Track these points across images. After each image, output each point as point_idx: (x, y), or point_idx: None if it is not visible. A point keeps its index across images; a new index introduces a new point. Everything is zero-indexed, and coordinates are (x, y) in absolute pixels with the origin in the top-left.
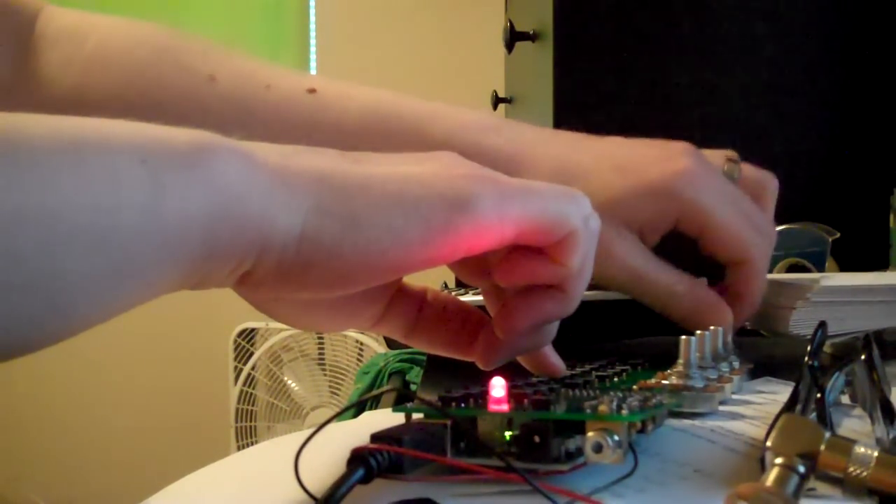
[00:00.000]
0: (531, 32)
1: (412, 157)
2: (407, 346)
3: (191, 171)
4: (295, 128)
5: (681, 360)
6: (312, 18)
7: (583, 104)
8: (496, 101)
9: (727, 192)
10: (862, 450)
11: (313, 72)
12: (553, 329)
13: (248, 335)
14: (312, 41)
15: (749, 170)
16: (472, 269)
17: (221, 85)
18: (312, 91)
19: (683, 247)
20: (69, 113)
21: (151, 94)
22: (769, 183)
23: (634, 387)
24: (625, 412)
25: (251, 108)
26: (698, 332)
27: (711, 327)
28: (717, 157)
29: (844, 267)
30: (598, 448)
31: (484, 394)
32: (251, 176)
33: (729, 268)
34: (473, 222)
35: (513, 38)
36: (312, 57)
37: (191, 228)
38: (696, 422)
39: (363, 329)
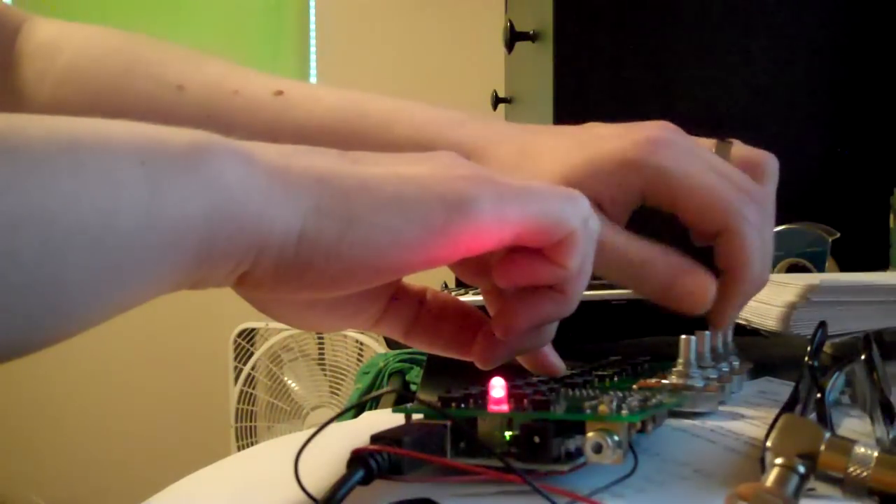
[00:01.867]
0: (531, 32)
1: (411, 158)
2: (407, 346)
3: (189, 172)
4: (261, 131)
5: (681, 360)
6: (312, 19)
7: (583, 104)
8: (496, 101)
9: (707, 161)
10: (862, 450)
11: (313, 72)
12: (552, 329)
13: (248, 335)
14: (312, 41)
15: (743, 150)
16: (472, 269)
17: (190, 93)
18: (279, 94)
19: (667, 233)
20: None
21: (121, 106)
22: (766, 161)
23: (634, 386)
24: (625, 412)
25: (219, 114)
26: (698, 331)
27: (708, 330)
28: (707, 141)
29: (844, 267)
30: (598, 448)
31: (484, 394)
32: (250, 176)
33: (714, 242)
34: (472, 224)
35: (513, 38)
36: (312, 57)
37: (189, 229)
38: (696, 422)
39: (363, 329)
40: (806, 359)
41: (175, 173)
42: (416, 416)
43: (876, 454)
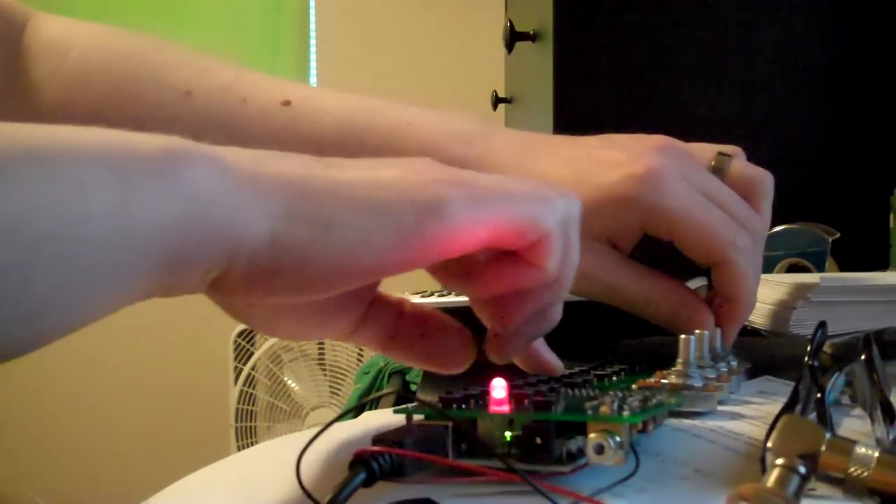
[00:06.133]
0: (531, 32)
1: (385, 162)
2: None
3: (160, 178)
4: (270, 143)
5: (680, 360)
6: (312, 19)
7: (583, 104)
8: (496, 101)
9: (703, 189)
10: (862, 450)
11: (314, 72)
12: (557, 310)
13: (248, 335)
14: (312, 42)
15: (741, 167)
16: (454, 275)
17: (197, 100)
18: (287, 104)
19: (673, 245)
20: None
21: (130, 111)
22: (761, 181)
23: (634, 386)
24: (626, 413)
25: (227, 123)
26: (697, 331)
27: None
28: (708, 150)
29: (844, 267)
30: (600, 449)
31: (484, 395)
32: (221, 181)
33: (712, 270)
34: (444, 226)
35: (513, 38)
36: (312, 58)
37: (161, 235)
38: (696, 422)
39: (339, 339)
40: (806, 359)
41: (146, 179)
42: (417, 417)
43: (876, 454)
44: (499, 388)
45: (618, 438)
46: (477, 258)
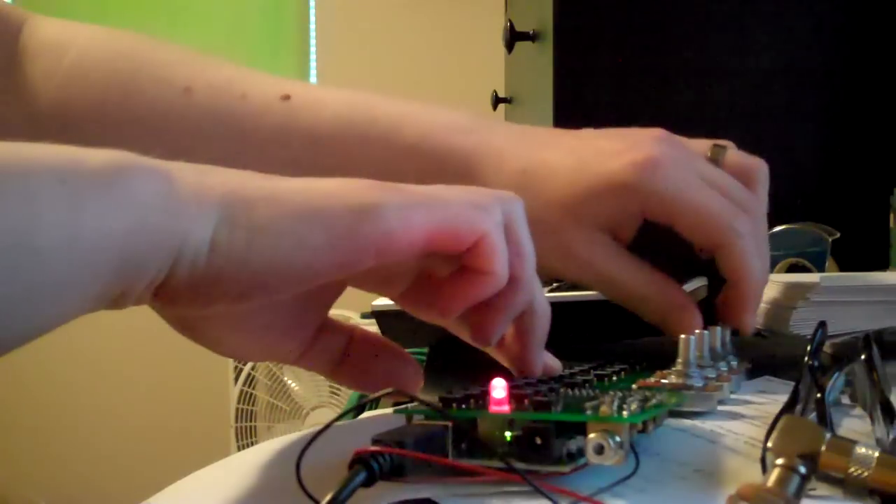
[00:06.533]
0: (531, 32)
1: (324, 178)
2: (406, 348)
3: (109, 190)
4: (270, 137)
5: (680, 360)
6: (312, 19)
7: (583, 104)
8: (496, 101)
9: (701, 175)
10: (863, 450)
11: (313, 72)
12: (541, 301)
13: None
14: (312, 42)
15: (737, 156)
16: (419, 303)
17: (197, 97)
18: (286, 98)
19: (673, 242)
20: (52, 127)
21: (129, 108)
22: (758, 169)
23: (634, 386)
24: (626, 413)
25: (227, 119)
26: (697, 331)
27: (707, 329)
28: (703, 143)
29: (844, 267)
30: (600, 449)
31: (484, 395)
32: (166, 192)
33: (715, 256)
34: (378, 227)
35: (513, 38)
36: (312, 58)
37: (110, 244)
38: (696, 422)
39: (288, 362)
40: (806, 359)
41: (95, 191)
42: (417, 417)
43: (876, 454)
44: (499, 388)
45: (618, 438)
46: (437, 281)
